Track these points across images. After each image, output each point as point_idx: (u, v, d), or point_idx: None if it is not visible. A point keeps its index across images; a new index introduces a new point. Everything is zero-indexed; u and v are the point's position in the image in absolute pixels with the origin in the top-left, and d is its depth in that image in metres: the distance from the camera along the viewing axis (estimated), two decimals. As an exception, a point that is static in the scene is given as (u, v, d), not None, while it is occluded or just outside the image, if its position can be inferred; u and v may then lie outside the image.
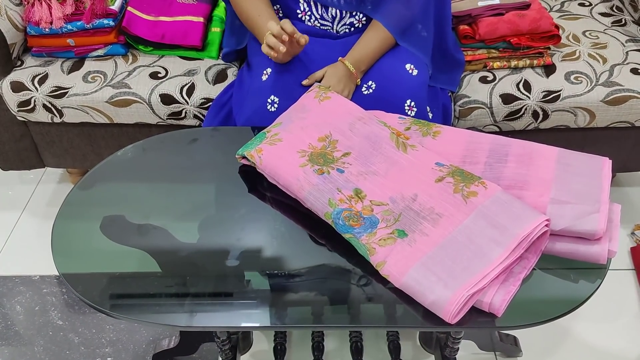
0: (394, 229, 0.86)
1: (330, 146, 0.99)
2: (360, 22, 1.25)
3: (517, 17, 1.35)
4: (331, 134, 1.01)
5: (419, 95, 1.20)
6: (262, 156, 0.97)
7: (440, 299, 0.77)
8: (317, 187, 0.92)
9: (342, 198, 0.90)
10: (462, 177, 0.91)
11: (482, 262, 0.80)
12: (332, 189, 0.91)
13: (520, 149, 0.97)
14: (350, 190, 0.91)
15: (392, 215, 0.88)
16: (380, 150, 0.97)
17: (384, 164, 0.95)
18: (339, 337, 1.36)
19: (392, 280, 0.81)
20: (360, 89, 1.20)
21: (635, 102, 1.35)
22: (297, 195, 0.94)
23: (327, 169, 0.94)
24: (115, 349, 1.37)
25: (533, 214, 0.83)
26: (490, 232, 0.83)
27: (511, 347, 1.31)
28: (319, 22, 1.25)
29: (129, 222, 0.95)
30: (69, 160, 1.57)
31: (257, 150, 0.98)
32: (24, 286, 1.52)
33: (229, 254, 0.89)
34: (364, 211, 0.89)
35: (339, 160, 0.96)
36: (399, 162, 0.95)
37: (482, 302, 0.79)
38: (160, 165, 1.08)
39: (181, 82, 1.39)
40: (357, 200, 0.90)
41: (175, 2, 1.52)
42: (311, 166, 0.95)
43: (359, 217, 0.88)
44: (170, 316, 0.82)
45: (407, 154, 0.96)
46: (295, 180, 0.93)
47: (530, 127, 1.40)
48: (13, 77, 1.41)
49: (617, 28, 1.52)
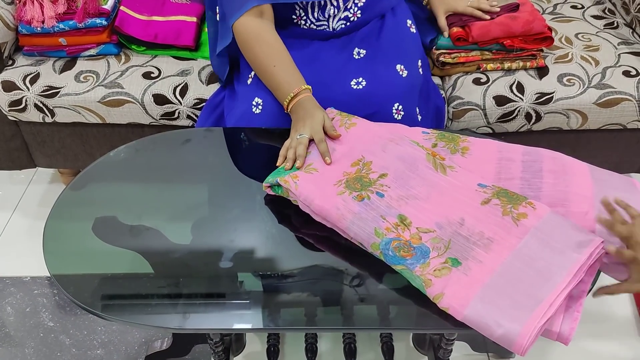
0: (447, 258, 0.82)
1: (365, 168, 0.95)
2: (355, 15, 1.25)
3: (509, 20, 1.35)
4: (364, 157, 0.97)
5: (408, 99, 1.20)
6: (299, 182, 0.92)
7: (510, 333, 0.74)
8: (359, 216, 0.87)
9: (388, 227, 0.86)
10: (508, 198, 0.87)
11: (545, 288, 0.76)
12: (375, 216, 0.87)
13: (552, 163, 0.95)
14: (394, 217, 0.87)
15: (441, 243, 0.84)
16: (418, 172, 0.94)
17: (423, 187, 0.91)
18: (333, 338, 1.36)
19: (452, 312, 0.78)
20: (349, 83, 1.20)
21: (627, 105, 1.35)
22: (338, 225, 0.88)
23: (366, 193, 0.90)
24: (107, 351, 1.36)
25: (589, 237, 0.81)
26: (549, 255, 0.79)
27: (504, 349, 1.31)
28: (315, 24, 1.25)
29: (121, 223, 0.94)
30: (60, 160, 1.56)
31: (293, 176, 0.93)
32: (14, 287, 1.50)
33: (222, 256, 0.89)
34: (412, 240, 0.85)
35: (377, 182, 0.92)
36: (439, 184, 0.92)
37: (550, 331, 0.76)
38: (153, 166, 1.07)
39: (174, 83, 1.39)
40: (404, 228, 0.86)
41: (169, 2, 1.51)
42: (349, 193, 0.90)
43: (409, 247, 0.84)
44: (163, 318, 0.81)
45: (446, 175, 0.93)
46: (334, 208, 0.88)
47: (523, 128, 1.41)
48: (4, 77, 1.40)
49: (609, 31, 1.53)
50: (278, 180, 0.93)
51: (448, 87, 1.41)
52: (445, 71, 1.42)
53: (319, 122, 1.03)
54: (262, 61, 1.13)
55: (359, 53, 1.23)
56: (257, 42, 1.13)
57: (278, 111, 1.14)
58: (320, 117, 1.03)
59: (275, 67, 1.11)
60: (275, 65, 1.11)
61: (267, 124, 1.15)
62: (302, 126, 1.03)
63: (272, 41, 1.14)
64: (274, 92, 1.13)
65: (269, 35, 1.14)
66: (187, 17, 1.47)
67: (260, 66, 1.13)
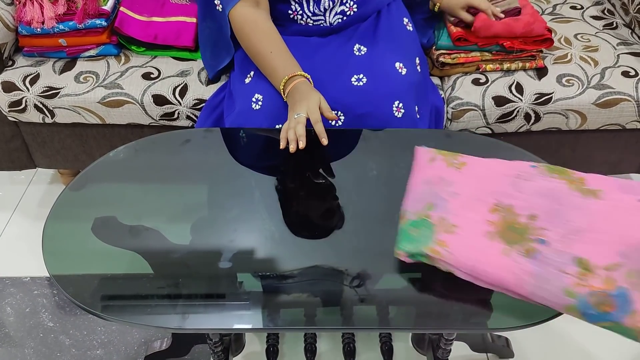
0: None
1: (509, 215, 0.84)
2: (351, 9, 1.25)
3: (512, 21, 1.36)
4: (499, 200, 0.86)
5: (407, 96, 1.20)
6: (451, 249, 0.81)
7: None
8: (539, 277, 0.77)
9: (574, 281, 0.75)
10: None
11: None
12: (554, 272, 0.76)
13: None
14: (572, 264, 0.76)
15: (637, 278, 0.73)
16: (568, 204, 0.83)
17: (584, 217, 0.80)
18: (332, 338, 1.36)
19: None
20: (350, 79, 1.20)
21: (626, 105, 1.36)
22: (517, 291, 0.78)
23: (529, 245, 0.79)
24: (107, 351, 1.36)
25: None
26: None
27: (503, 349, 1.31)
28: (312, 19, 1.25)
29: (121, 223, 0.94)
30: (60, 161, 1.56)
31: (440, 243, 0.81)
32: (14, 287, 1.50)
33: (221, 256, 0.89)
34: (607, 286, 0.74)
35: (530, 227, 0.82)
36: (599, 209, 0.81)
37: None
38: (152, 166, 1.07)
39: (174, 83, 1.39)
40: (589, 274, 0.75)
41: (168, 3, 1.52)
42: (511, 247, 0.80)
43: (607, 296, 0.73)
44: (162, 318, 0.81)
45: (600, 199, 0.83)
46: (511, 275, 0.78)
47: (522, 129, 1.41)
48: (4, 77, 1.40)
49: (608, 31, 1.54)
50: (424, 250, 0.81)
51: (447, 87, 1.41)
52: (445, 71, 1.43)
53: (315, 102, 1.04)
54: (259, 48, 1.15)
55: (360, 50, 1.24)
56: (253, 29, 1.16)
57: (278, 107, 1.14)
58: (316, 99, 1.05)
59: (272, 53, 1.13)
60: (272, 52, 1.13)
61: (267, 120, 1.15)
62: (299, 107, 1.04)
63: (268, 29, 1.17)
64: (270, 78, 1.14)
65: (265, 23, 1.17)
66: (187, 18, 1.47)
67: (258, 53, 1.15)
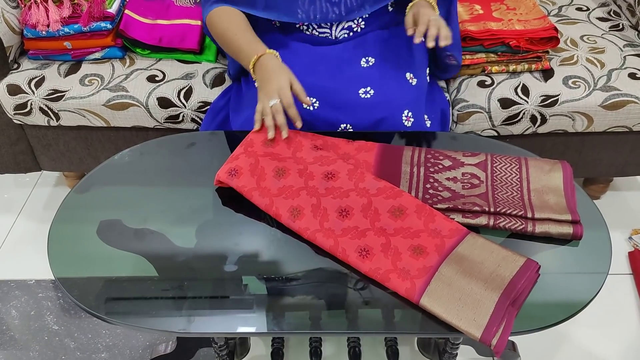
0: None
1: None
2: (358, 26, 1.25)
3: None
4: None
5: (417, 106, 1.20)
6: None
7: None
8: None
9: None
10: None
11: None
12: None
13: None
14: None
15: None
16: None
17: None
18: (337, 342, 1.36)
19: None
20: (357, 92, 1.19)
21: (633, 107, 1.35)
22: None
23: None
24: (112, 354, 1.36)
25: None
26: None
27: (509, 353, 1.31)
28: (317, 31, 1.24)
29: (126, 226, 0.94)
30: (65, 163, 1.56)
31: None
32: (19, 290, 1.51)
33: (226, 259, 0.89)
34: None
35: None
36: None
37: None
38: (157, 169, 1.07)
39: (179, 86, 1.39)
40: None
41: (173, 5, 1.52)
42: None
43: None
44: (167, 322, 0.81)
45: None
46: None
47: (528, 131, 1.40)
48: (9, 80, 1.40)
49: (614, 33, 1.53)
50: None
51: (453, 89, 1.41)
52: (450, 74, 1.42)
53: (285, 82, 1.00)
54: (226, 34, 1.15)
55: (368, 61, 1.22)
56: (222, 19, 1.17)
57: None
58: (286, 78, 1.01)
59: (237, 35, 1.13)
60: (237, 34, 1.13)
61: None
62: (270, 89, 1.01)
63: (236, 18, 1.16)
64: (239, 59, 1.14)
65: (235, 15, 1.17)
66: (192, 21, 1.47)
67: (225, 38, 1.15)
